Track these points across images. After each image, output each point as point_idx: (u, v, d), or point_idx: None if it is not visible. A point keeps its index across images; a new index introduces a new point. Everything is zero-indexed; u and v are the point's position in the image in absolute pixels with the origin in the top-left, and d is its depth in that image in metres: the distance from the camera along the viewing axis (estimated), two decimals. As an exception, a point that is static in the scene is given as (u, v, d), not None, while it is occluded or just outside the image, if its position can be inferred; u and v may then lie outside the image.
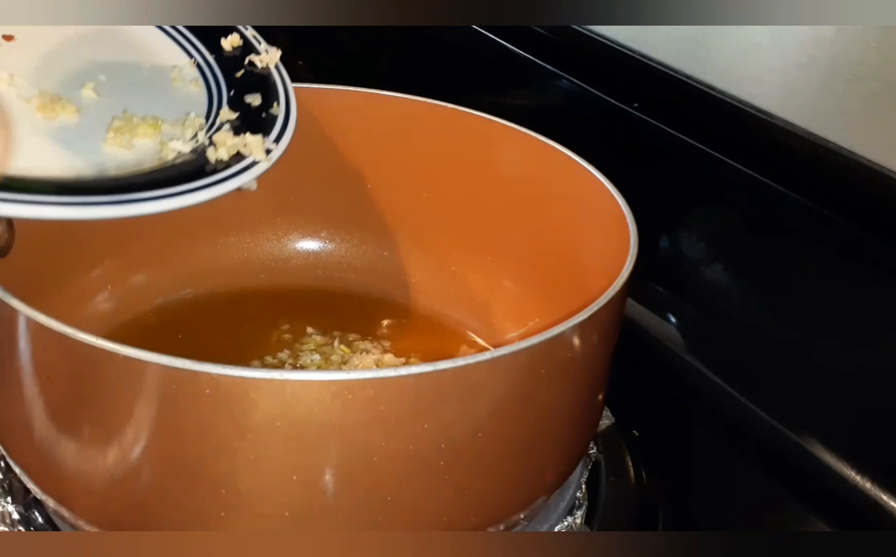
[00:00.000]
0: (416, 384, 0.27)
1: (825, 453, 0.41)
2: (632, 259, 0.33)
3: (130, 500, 0.29)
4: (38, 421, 0.29)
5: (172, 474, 0.28)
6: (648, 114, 0.50)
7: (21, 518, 0.34)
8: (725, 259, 0.48)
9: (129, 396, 0.27)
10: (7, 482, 0.35)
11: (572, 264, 0.41)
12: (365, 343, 0.44)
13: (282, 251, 0.48)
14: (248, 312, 0.45)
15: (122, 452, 0.28)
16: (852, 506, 0.40)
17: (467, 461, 0.29)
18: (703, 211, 0.50)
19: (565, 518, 0.37)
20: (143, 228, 0.43)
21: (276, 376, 0.26)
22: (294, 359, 0.43)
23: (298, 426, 0.26)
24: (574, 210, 0.41)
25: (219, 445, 0.27)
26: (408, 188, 0.47)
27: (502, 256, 0.46)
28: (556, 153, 0.42)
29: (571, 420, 0.33)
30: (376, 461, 0.27)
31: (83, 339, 0.26)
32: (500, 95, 0.61)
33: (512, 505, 0.32)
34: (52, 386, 0.28)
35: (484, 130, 0.44)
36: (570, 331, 0.29)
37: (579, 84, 0.54)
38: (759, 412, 0.44)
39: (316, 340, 0.44)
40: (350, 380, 0.26)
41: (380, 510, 0.28)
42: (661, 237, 0.50)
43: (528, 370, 0.29)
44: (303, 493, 0.27)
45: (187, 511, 0.28)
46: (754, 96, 0.46)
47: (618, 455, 0.41)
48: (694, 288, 0.50)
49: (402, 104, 0.45)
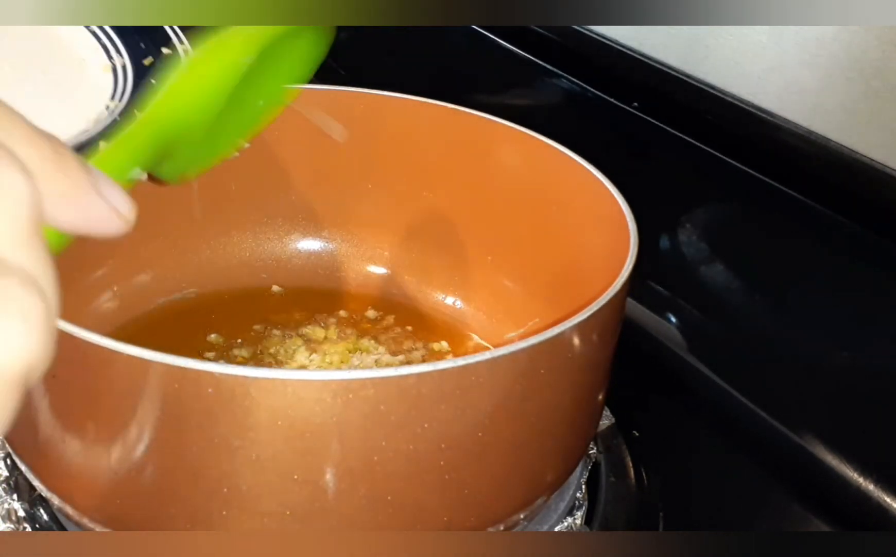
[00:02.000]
0: (416, 384, 0.27)
1: (825, 453, 0.41)
2: (632, 259, 0.33)
3: (133, 497, 0.29)
4: (43, 419, 0.30)
5: (174, 472, 0.28)
6: (648, 114, 0.50)
7: (26, 515, 0.35)
8: (725, 259, 0.48)
9: (132, 394, 0.27)
10: (13, 480, 0.35)
11: (572, 263, 0.41)
12: (365, 343, 0.44)
13: (283, 251, 0.48)
14: (250, 311, 0.46)
15: (125, 450, 0.28)
16: (852, 506, 0.40)
17: (467, 461, 0.29)
18: (703, 211, 0.50)
19: (565, 518, 0.37)
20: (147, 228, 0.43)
21: (278, 375, 0.26)
22: (295, 358, 0.43)
23: (299, 426, 0.26)
24: (574, 210, 0.41)
25: (220, 444, 0.27)
26: (408, 188, 0.47)
27: (502, 256, 0.46)
28: (556, 153, 0.42)
29: (571, 420, 0.33)
30: (377, 461, 0.27)
31: (88, 338, 0.26)
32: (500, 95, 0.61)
33: (512, 505, 0.32)
34: (56, 384, 0.29)
35: (484, 130, 0.44)
36: (570, 331, 0.29)
37: (579, 84, 0.54)
38: (759, 412, 0.44)
39: (316, 339, 0.44)
40: (350, 380, 0.26)
41: (380, 509, 0.28)
42: (661, 237, 0.50)
43: (528, 369, 0.29)
44: (303, 492, 0.27)
45: (189, 509, 0.28)
46: (754, 96, 0.46)
47: (618, 455, 0.41)
48: (694, 288, 0.50)
49: (402, 104, 0.46)
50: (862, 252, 0.42)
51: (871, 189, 0.41)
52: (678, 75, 0.49)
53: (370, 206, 0.48)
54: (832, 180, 0.43)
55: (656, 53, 0.50)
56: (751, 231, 0.48)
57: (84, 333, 0.26)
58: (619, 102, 0.52)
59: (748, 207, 0.47)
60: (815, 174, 0.44)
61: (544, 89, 0.57)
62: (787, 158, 0.44)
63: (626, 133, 0.52)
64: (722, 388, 0.46)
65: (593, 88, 0.53)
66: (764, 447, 0.44)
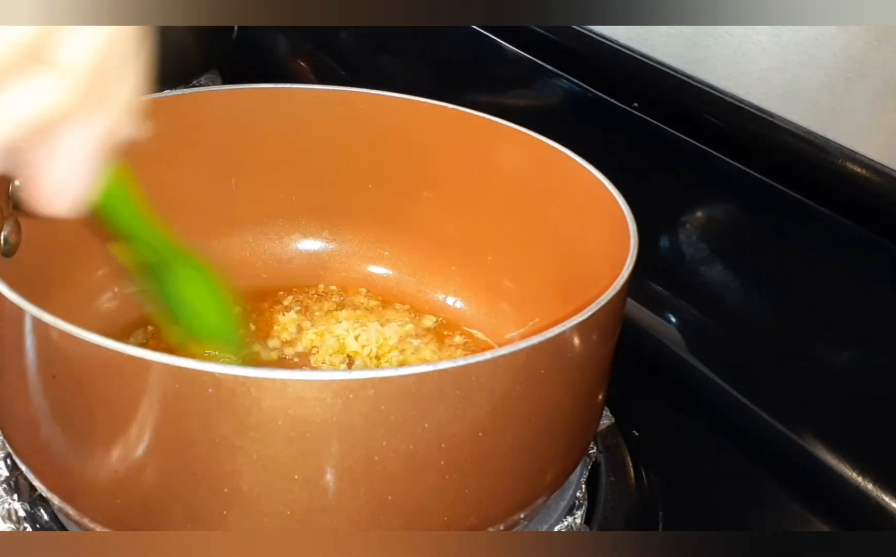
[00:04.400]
0: (416, 384, 0.27)
1: (825, 453, 0.41)
2: (632, 259, 0.33)
3: (134, 498, 0.29)
4: (44, 419, 0.30)
5: (175, 472, 0.28)
6: (648, 114, 0.50)
7: (27, 515, 0.35)
8: (725, 259, 0.48)
9: (133, 395, 0.27)
10: (13, 480, 0.36)
11: (572, 263, 0.41)
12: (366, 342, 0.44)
13: (284, 251, 0.49)
14: (251, 311, 0.46)
15: (126, 450, 0.28)
16: (852, 506, 0.40)
17: (467, 460, 0.29)
18: (703, 211, 0.50)
19: (565, 517, 0.37)
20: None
21: (278, 375, 0.26)
22: (295, 358, 0.43)
23: (300, 426, 0.26)
24: (574, 210, 0.41)
25: (221, 444, 0.27)
26: (409, 188, 0.47)
27: (502, 256, 0.46)
28: (557, 153, 0.42)
29: (571, 420, 0.33)
30: (377, 461, 0.27)
31: (88, 338, 0.26)
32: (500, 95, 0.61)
33: (512, 505, 0.32)
34: (57, 385, 0.29)
35: (484, 130, 0.44)
36: (570, 331, 0.29)
37: (579, 84, 0.54)
38: (759, 412, 0.44)
39: (316, 339, 0.44)
40: (351, 380, 0.26)
41: (380, 509, 0.28)
42: (661, 237, 0.50)
43: (528, 369, 0.29)
44: (304, 492, 0.27)
45: (190, 509, 0.28)
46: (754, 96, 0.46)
47: (618, 455, 0.41)
48: (694, 288, 0.50)
49: (402, 104, 0.46)
50: (862, 252, 0.42)
51: (871, 189, 0.41)
52: (678, 75, 0.49)
53: (370, 206, 0.48)
54: (832, 180, 0.43)
55: (656, 53, 0.50)
56: (751, 231, 0.48)
57: (84, 333, 0.26)
58: (619, 102, 0.52)
59: (748, 207, 0.47)
60: (814, 174, 0.44)
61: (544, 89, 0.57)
62: (787, 158, 0.44)
63: (626, 133, 0.52)
64: (722, 388, 0.46)
65: (593, 88, 0.53)
66: (764, 447, 0.44)
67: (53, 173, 0.23)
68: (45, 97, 0.21)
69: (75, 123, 0.23)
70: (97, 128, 0.23)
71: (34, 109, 0.21)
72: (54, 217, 0.24)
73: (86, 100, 0.22)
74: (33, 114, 0.21)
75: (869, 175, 0.41)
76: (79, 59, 0.21)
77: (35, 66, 0.21)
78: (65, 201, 0.24)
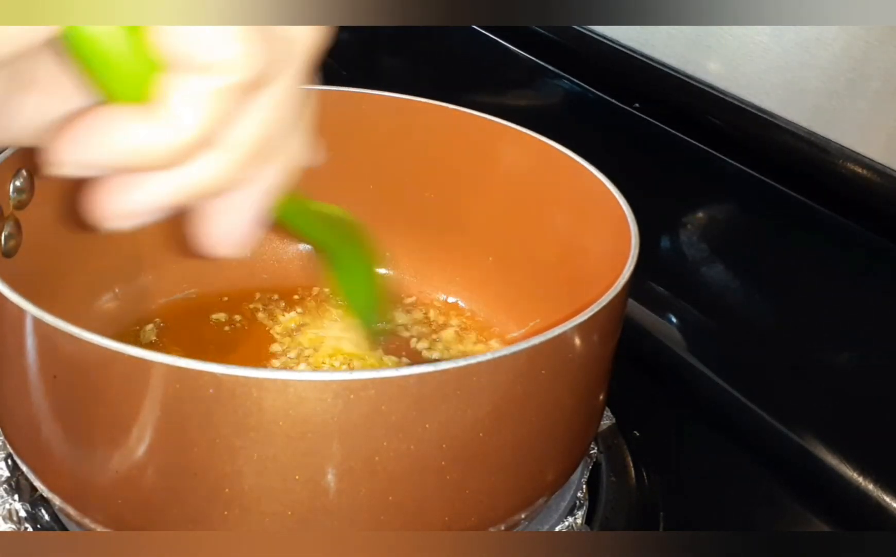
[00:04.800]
0: (417, 384, 0.27)
1: (825, 453, 0.41)
2: (632, 259, 0.33)
3: (134, 498, 0.29)
4: (45, 420, 0.30)
5: (176, 472, 0.28)
6: (649, 114, 0.51)
7: (28, 516, 0.35)
8: (725, 259, 0.48)
9: (134, 395, 0.27)
10: (14, 480, 0.36)
11: (573, 264, 0.41)
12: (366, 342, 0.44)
13: (285, 251, 0.48)
14: (252, 311, 0.46)
15: (126, 451, 0.28)
16: (852, 506, 0.40)
17: (468, 461, 0.29)
18: (703, 211, 0.50)
19: (566, 518, 0.37)
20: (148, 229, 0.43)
21: (279, 376, 0.26)
22: (296, 359, 0.43)
23: (301, 426, 0.26)
24: (574, 210, 0.41)
25: (222, 444, 0.27)
26: (409, 189, 0.47)
27: (502, 256, 0.46)
28: (557, 153, 0.42)
29: (572, 421, 0.33)
30: (378, 461, 0.27)
31: (89, 339, 0.26)
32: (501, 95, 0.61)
33: (513, 505, 0.32)
34: (57, 385, 0.29)
35: (484, 130, 0.44)
36: (570, 331, 0.29)
37: (579, 84, 0.54)
38: (759, 412, 0.44)
39: (316, 339, 0.44)
40: (352, 380, 0.26)
41: (381, 509, 0.28)
42: (661, 237, 0.50)
43: (529, 370, 0.29)
44: (305, 492, 0.27)
45: (190, 510, 0.28)
46: (754, 96, 0.46)
47: (618, 455, 0.41)
48: (694, 288, 0.50)
49: (402, 104, 0.46)
50: (862, 252, 0.42)
51: (871, 189, 0.41)
52: (678, 76, 0.49)
53: (370, 206, 0.48)
54: (832, 181, 0.43)
55: (656, 54, 0.50)
56: (751, 231, 0.48)
57: (85, 333, 0.26)
58: (620, 102, 0.52)
59: (748, 207, 0.48)
60: (815, 174, 0.44)
61: (544, 89, 0.57)
62: (787, 158, 0.44)
63: (627, 133, 0.52)
64: (722, 388, 0.46)
65: (593, 89, 0.53)
66: (764, 447, 0.44)
67: (220, 224, 0.23)
68: (211, 173, 0.21)
69: (242, 186, 0.23)
70: (264, 184, 0.23)
71: (200, 184, 0.21)
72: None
73: (252, 168, 0.22)
74: (199, 188, 0.21)
75: (870, 176, 0.41)
76: (245, 138, 0.21)
77: (203, 150, 0.20)
78: (234, 246, 0.24)
